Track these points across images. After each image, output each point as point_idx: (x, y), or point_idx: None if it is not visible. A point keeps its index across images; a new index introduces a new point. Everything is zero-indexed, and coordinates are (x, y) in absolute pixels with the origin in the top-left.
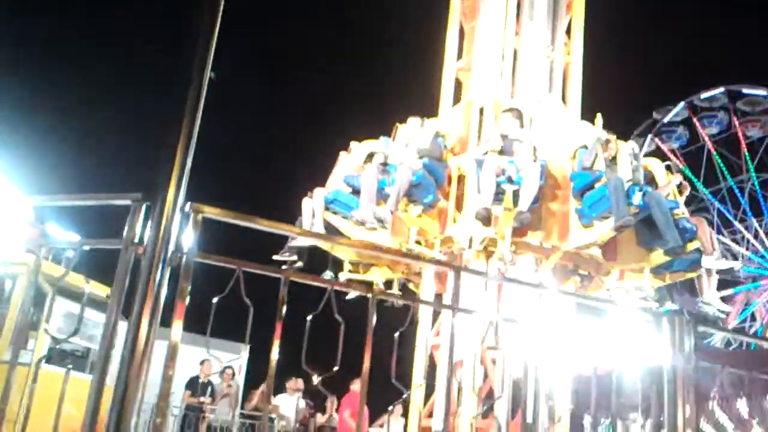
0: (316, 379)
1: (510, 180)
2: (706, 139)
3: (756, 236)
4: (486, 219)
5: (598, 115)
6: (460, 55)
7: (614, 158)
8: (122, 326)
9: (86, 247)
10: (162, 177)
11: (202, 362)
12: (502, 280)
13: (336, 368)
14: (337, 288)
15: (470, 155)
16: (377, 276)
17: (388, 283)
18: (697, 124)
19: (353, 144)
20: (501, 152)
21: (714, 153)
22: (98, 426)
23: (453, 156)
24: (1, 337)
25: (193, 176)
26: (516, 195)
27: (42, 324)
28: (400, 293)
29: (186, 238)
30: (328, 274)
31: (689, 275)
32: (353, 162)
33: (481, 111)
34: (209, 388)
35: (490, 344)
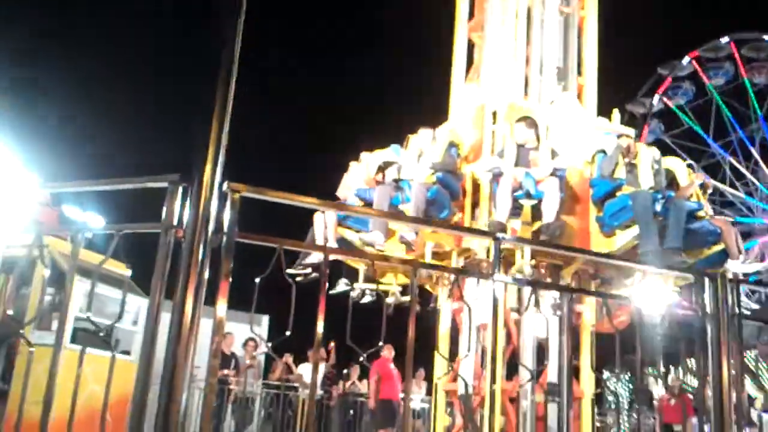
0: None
1: (528, 195)
2: (713, 90)
3: None
4: (502, 233)
5: (615, 111)
6: (471, 15)
7: (634, 164)
8: (142, 303)
9: (124, 232)
10: (198, 158)
11: (224, 335)
12: (536, 245)
13: (381, 344)
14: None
15: (485, 164)
16: (393, 282)
17: (404, 289)
18: (703, 75)
19: (364, 155)
20: (516, 163)
21: (722, 104)
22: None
23: (467, 164)
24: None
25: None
26: (535, 209)
27: (66, 304)
28: (420, 299)
29: (225, 218)
30: (343, 283)
31: None
32: (363, 172)
33: (494, 115)
34: (233, 361)
35: (513, 306)
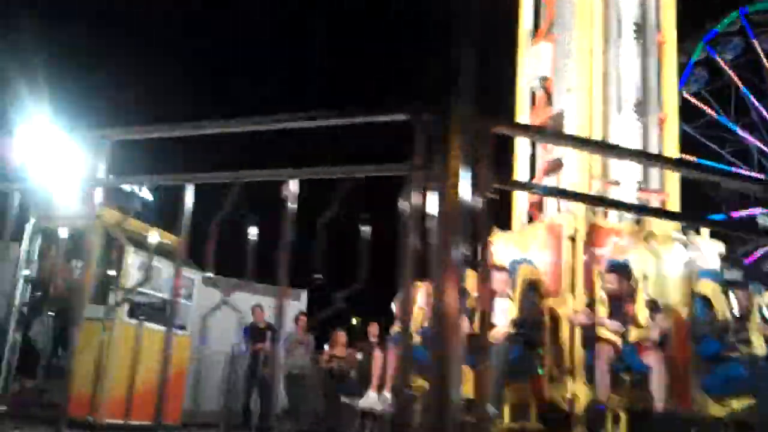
0: None
1: (628, 369)
2: (727, 68)
3: None
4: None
5: (704, 232)
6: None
7: (745, 317)
8: (196, 277)
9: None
10: (447, 83)
11: (253, 308)
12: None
13: None
14: None
15: (573, 319)
16: None
17: None
18: (715, 53)
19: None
20: (610, 315)
21: (737, 79)
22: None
23: (546, 298)
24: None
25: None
26: (637, 383)
27: (121, 278)
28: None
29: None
30: None
31: None
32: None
33: (572, 239)
34: (268, 332)
35: None
